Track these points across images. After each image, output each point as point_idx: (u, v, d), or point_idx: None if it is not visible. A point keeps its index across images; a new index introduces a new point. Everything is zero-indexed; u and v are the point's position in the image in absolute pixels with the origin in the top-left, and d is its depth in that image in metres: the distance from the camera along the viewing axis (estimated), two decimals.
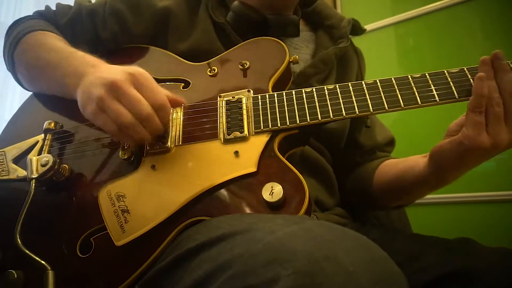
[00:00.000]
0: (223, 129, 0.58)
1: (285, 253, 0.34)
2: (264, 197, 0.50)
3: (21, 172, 0.65)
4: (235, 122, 0.59)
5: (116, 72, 0.55)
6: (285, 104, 0.58)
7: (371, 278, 0.32)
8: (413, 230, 0.92)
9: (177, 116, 0.62)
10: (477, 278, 0.51)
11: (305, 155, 0.71)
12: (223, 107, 0.61)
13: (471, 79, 0.55)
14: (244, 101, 0.60)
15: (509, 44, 1.55)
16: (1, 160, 0.68)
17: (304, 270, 0.32)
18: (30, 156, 0.61)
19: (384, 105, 0.56)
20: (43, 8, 0.81)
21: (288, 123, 0.57)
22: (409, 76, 0.57)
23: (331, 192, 0.77)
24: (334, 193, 0.78)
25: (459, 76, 0.56)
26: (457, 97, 0.55)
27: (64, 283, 0.53)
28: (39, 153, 0.64)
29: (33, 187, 0.57)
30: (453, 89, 0.55)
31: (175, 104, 0.60)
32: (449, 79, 0.56)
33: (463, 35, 1.68)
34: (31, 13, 0.80)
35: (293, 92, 0.59)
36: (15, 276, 0.54)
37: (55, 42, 0.70)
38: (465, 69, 0.56)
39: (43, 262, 0.51)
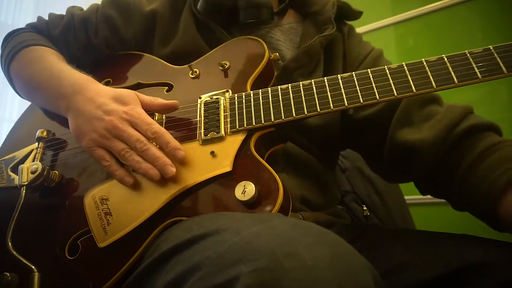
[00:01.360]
0: (201, 130, 0.59)
1: (249, 252, 0.34)
2: (237, 196, 0.51)
3: (17, 180, 0.68)
4: (212, 123, 0.59)
5: (110, 110, 0.58)
6: (261, 103, 0.59)
7: (332, 272, 0.32)
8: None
9: (159, 118, 0.64)
10: (492, 271, 0.49)
11: (288, 153, 0.70)
12: (202, 108, 0.62)
13: (428, 70, 0.54)
14: (221, 101, 0.61)
15: None
16: (0, 169, 0.72)
17: (264, 267, 0.32)
18: (22, 164, 0.64)
19: (359, 98, 0.55)
20: (42, 8, 0.83)
21: (263, 122, 0.57)
22: (386, 67, 0.56)
23: (321, 191, 0.74)
24: (326, 192, 0.75)
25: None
26: (435, 86, 0.53)
27: (54, 284, 0.56)
28: (33, 161, 0.67)
29: (23, 194, 0.60)
30: (431, 78, 0.53)
31: (171, 108, 0.62)
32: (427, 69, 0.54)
33: (463, 35, 1.65)
34: (31, 13, 0.83)
35: (269, 90, 0.59)
36: (9, 278, 0.57)
37: (48, 59, 0.72)
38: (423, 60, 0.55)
39: (30, 264, 0.54)
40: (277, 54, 0.67)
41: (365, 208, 0.82)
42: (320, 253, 0.34)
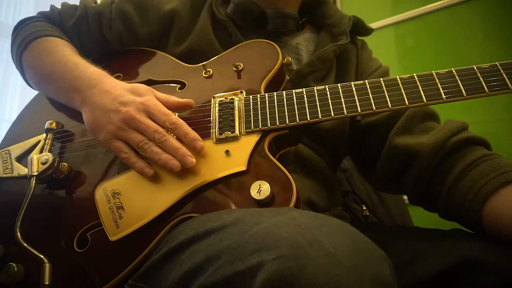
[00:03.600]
0: (215, 129, 0.60)
1: (271, 240, 0.35)
2: (252, 195, 0.52)
3: (23, 170, 0.67)
4: (227, 123, 0.60)
5: (126, 101, 0.58)
6: (276, 105, 0.60)
7: (352, 259, 0.34)
8: None
9: None
10: (490, 268, 0.50)
11: (301, 155, 0.71)
12: (216, 107, 0.63)
13: (438, 82, 0.56)
14: (236, 102, 0.62)
15: (509, 44, 1.54)
16: (6, 159, 0.71)
17: (288, 254, 0.33)
18: (31, 155, 0.63)
19: (372, 105, 0.57)
20: (42, 8, 0.82)
21: (278, 123, 0.58)
22: (397, 77, 0.58)
23: (327, 193, 0.76)
24: (332, 194, 0.77)
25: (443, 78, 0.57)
26: (444, 98, 0.55)
27: (62, 277, 0.56)
28: (41, 152, 0.67)
29: (33, 184, 0.60)
30: (441, 90, 0.56)
31: (186, 107, 0.62)
32: (437, 80, 0.57)
33: (463, 35, 1.67)
34: (30, 14, 0.81)
35: (284, 93, 0.61)
36: (16, 269, 0.57)
37: (62, 51, 0.71)
38: (456, 70, 0.57)
39: (40, 255, 0.53)
40: (290, 58, 0.69)
41: (364, 208, 0.84)
42: (341, 242, 0.35)
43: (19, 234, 0.56)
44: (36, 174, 0.60)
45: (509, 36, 1.54)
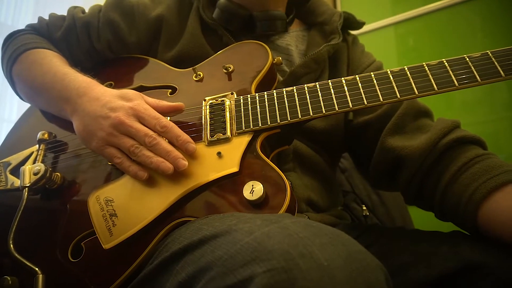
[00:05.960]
0: (207, 131, 0.60)
1: (262, 252, 0.34)
2: (245, 195, 0.51)
3: (17, 182, 0.67)
4: (218, 124, 0.60)
5: (116, 107, 0.58)
6: (266, 104, 0.59)
7: (346, 272, 0.33)
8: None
9: None
10: (490, 272, 0.49)
11: (299, 153, 0.70)
12: (207, 110, 0.62)
13: (429, 73, 0.55)
14: (227, 103, 0.62)
15: (510, 44, 1.54)
16: (0, 171, 0.70)
17: (279, 267, 0.32)
18: (23, 166, 0.63)
19: (363, 100, 0.56)
20: (42, 9, 0.82)
21: (269, 123, 0.58)
22: (388, 71, 0.58)
23: (327, 192, 0.75)
24: (331, 194, 0.77)
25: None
26: (436, 89, 0.55)
27: (57, 287, 0.55)
28: (34, 163, 0.67)
29: (25, 196, 0.59)
30: (433, 81, 0.55)
31: (176, 110, 0.62)
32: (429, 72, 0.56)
33: (463, 35, 1.67)
34: (31, 14, 0.82)
35: (274, 92, 0.60)
36: (10, 282, 0.56)
37: (50, 62, 0.71)
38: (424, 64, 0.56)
39: (33, 266, 0.53)
40: (280, 58, 0.68)
41: (364, 208, 0.83)
42: (334, 253, 0.34)
43: (12, 246, 0.55)
44: (28, 185, 0.60)
45: (509, 36, 1.54)
